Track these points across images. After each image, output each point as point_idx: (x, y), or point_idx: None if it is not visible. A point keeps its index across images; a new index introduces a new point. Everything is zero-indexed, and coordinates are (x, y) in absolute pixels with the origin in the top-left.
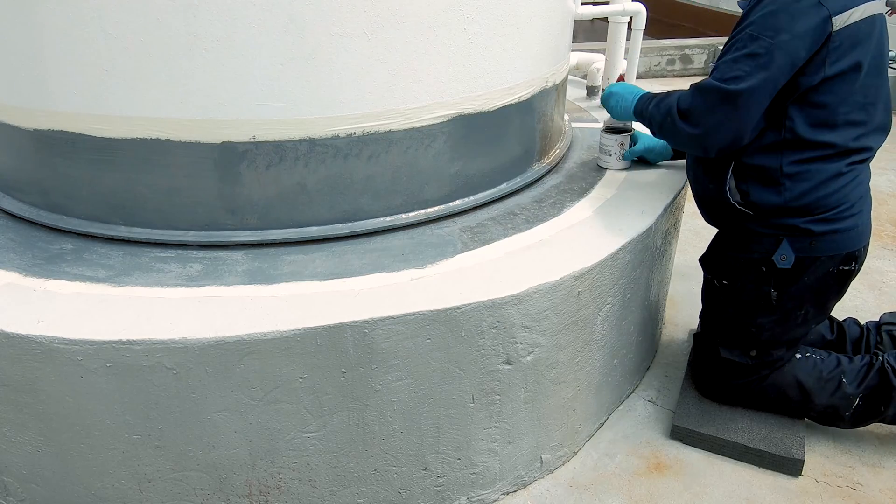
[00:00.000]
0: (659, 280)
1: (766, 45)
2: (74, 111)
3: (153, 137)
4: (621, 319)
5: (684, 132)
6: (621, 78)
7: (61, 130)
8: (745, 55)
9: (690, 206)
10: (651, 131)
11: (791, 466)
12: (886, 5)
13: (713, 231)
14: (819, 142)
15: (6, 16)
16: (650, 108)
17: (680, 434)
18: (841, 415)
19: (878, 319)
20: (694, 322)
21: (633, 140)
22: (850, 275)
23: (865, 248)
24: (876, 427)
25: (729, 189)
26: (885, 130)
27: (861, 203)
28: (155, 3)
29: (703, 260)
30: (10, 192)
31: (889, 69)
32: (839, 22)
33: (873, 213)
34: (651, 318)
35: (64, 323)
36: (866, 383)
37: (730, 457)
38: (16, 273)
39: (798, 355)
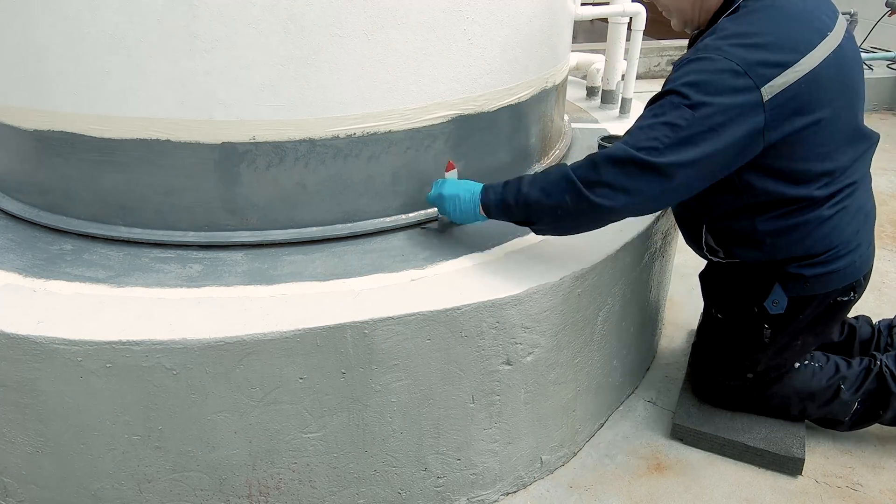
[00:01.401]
0: (659, 280)
1: (688, 117)
2: (74, 111)
3: (153, 138)
4: (621, 320)
5: (592, 203)
6: (450, 166)
7: (61, 131)
8: (661, 123)
9: None
10: (516, 220)
11: (791, 466)
12: (886, 6)
13: None
14: (787, 197)
15: (5, 16)
16: (523, 192)
17: (680, 433)
18: (840, 419)
19: (891, 318)
20: (694, 322)
21: None
22: (849, 304)
23: (866, 276)
24: (876, 428)
25: (706, 247)
26: (867, 152)
27: (857, 237)
28: (155, 2)
29: (702, 279)
30: (10, 192)
31: (887, 69)
32: (774, 88)
33: None
34: (651, 318)
35: (64, 323)
36: (864, 388)
37: (730, 456)
38: (16, 273)
39: (797, 364)
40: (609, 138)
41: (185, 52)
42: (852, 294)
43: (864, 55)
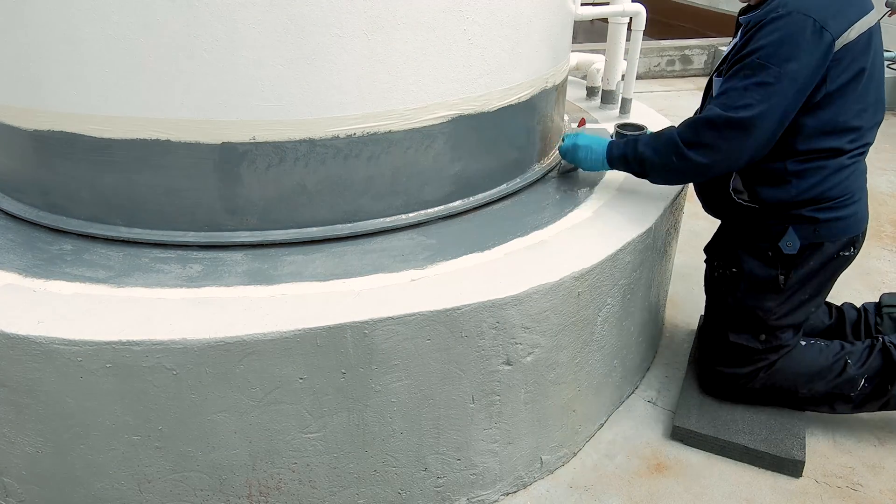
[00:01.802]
0: (659, 280)
1: (776, 74)
2: (74, 111)
3: (153, 138)
4: (621, 320)
5: (693, 162)
6: (582, 122)
7: (61, 131)
8: (754, 83)
9: (690, 207)
10: (633, 171)
11: (791, 467)
12: (886, 6)
13: (713, 232)
14: (820, 148)
15: (5, 16)
16: (639, 150)
17: (680, 435)
18: (847, 395)
19: (877, 300)
20: (694, 322)
21: None
22: (849, 260)
23: (863, 233)
24: (876, 428)
25: (734, 189)
26: (878, 125)
27: (860, 192)
28: (155, 3)
29: (709, 249)
30: (10, 192)
31: (887, 69)
32: (840, 42)
33: (873, 214)
34: (651, 318)
35: (64, 323)
36: (869, 364)
37: (730, 458)
38: (16, 274)
39: (802, 342)
40: (625, 126)
41: (185, 52)
42: (852, 249)
43: None
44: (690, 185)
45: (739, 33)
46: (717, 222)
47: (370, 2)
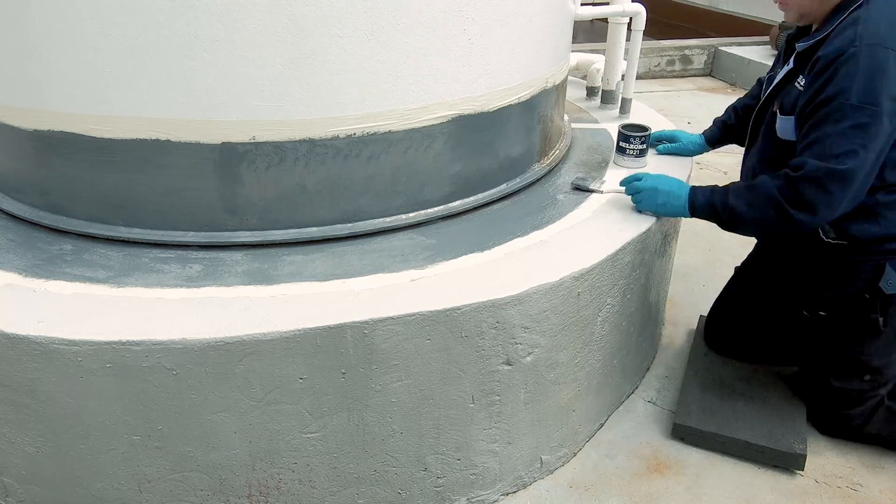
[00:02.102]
0: (659, 280)
1: (871, 114)
2: (74, 111)
3: (153, 138)
4: (621, 320)
5: (796, 220)
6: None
7: (61, 131)
8: (850, 127)
9: None
10: (719, 223)
11: (793, 461)
12: None
13: (713, 231)
14: None
15: (5, 16)
16: (731, 203)
17: (681, 433)
18: None
19: None
20: (694, 322)
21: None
22: None
23: None
24: None
25: (821, 228)
26: None
27: None
28: (155, 3)
29: (759, 275)
30: (10, 192)
31: None
32: None
33: None
34: (651, 318)
35: (64, 324)
36: None
37: (732, 455)
38: (16, 274)
39: None
40: (629, 126)
41: (185, 52)
42: None
43: None
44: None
45: (793, 61)
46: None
47: (370, 2)
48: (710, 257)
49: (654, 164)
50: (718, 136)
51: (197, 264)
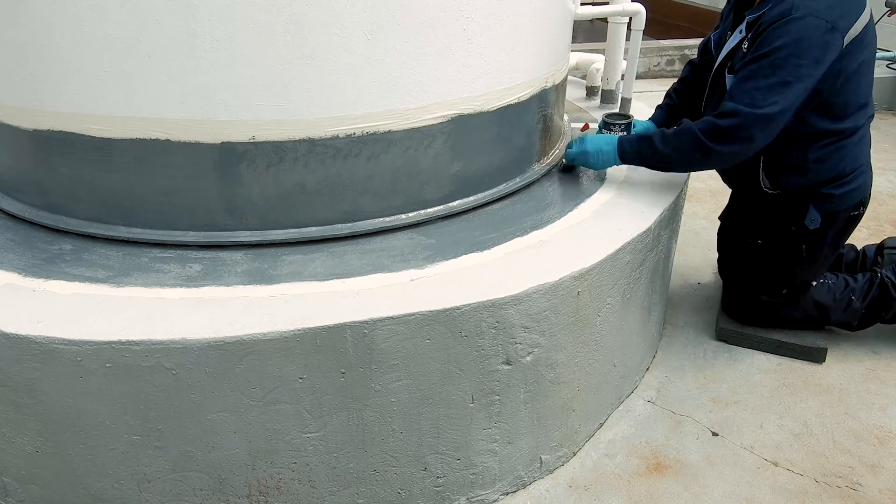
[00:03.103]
0: (659, 280)
1: (794, 74)
2: (74, 111)
3: (153, 138)
4: (621, 319)
5: (719, 155)
6: (585, 127)
7: (61, 130)
8: (777, 83)
9: (690, 207)
10: (649, 165)
11: (817, 354)
12: (886, 6)
13: (713, 232)
14: (835, 129)
15: (5, 15)
16: (658, 149)
17: (725, 335)
18: (851, 324)
19: (877, 244)
20: (694, 321)
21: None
22: (859, 218)
23: (870, 192)
24: (876, 427)
25: (760, 178)
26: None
27: (867, 159)
28: (155, 3)
29: (729, 218)
30: (10, 192)
31: (887, 69)
32: (848, 38)
33: (873, 213)
34: (651, 318)
35: (63, 323)
36: (870, 297)
37: (766, 351)
38: (15, 273)
39: (814, 283)
40: (612, 115)
41: (185, 52)
42: (861, 209)
43: None
44: (687, 188)
45: (744, 28)
46: (717, 223)
47: (370, 1)
48: (710, 257)
49: None
50: (664, 117)
51: (196, 264)
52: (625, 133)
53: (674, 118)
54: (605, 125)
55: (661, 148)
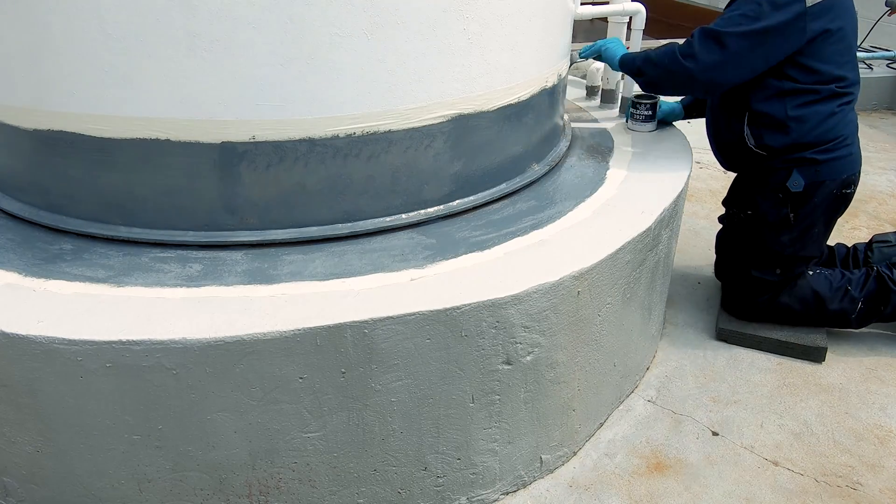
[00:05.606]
0: (659, 280)
1: (756, 11)
2: (74, 111)
3: (153, 137)
4: (621, 319)
5: (685, 68)
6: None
7: (61, 130)
8: (740, 15)
9: (690, 207)
10: (638, 80)
11: (817, 354)
12: (886, 5)
13: (713, 231)
14: (810, 88)
15: (5, 16)
16: (643, 68)
17: (724, 335)
18: (849, 318)
19: (867, 241)
20: (694, 321)
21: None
22: (849, 197)
23: (859, 174)
24: (876, 427)
25: (746, 135)
26: (858, 84)
27: (852, 137)
28: (154, 2)
29: (727, 201)
30: (10, 192)
31: (887, 69)
32: (811, 1)
33: (873, 213)
34: (651, 317)
35: (64, 323)
36: (867, 289)
37: (767, 350)
38: (15, 273)
39: (810, 272)
40: (640, 96)
41: (185, 52)
42: (851, 187)
43: (863, 54)
44: (688, 188)
45: None
46: (717, 223)
47: (370, 1)
48: (710, 257)
49: (662, 148)
50: (691, 99)
51: (197, 264)
52: (650, 113)
53: (700, 103)
54: (633, 104)
55: (643, 57)
